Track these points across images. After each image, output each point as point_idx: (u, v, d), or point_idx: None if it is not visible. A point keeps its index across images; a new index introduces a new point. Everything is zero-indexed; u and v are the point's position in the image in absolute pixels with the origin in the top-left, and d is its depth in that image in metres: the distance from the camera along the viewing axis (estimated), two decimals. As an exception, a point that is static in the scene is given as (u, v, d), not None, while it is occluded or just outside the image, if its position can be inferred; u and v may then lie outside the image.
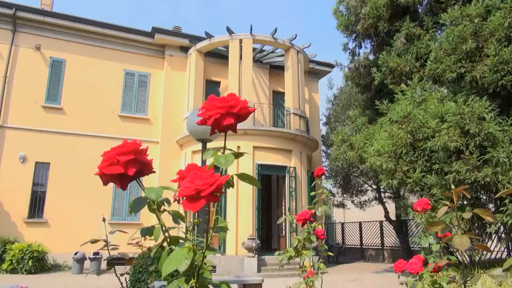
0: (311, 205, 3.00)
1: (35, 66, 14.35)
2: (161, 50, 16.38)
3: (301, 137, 14.90)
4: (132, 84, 15.78)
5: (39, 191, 13.62)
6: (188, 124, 5.03)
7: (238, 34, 15.30)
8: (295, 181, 14.32)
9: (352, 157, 11.87)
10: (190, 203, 0.86)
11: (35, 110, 14.05)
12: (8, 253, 11.68)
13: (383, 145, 9.74)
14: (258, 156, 13.85)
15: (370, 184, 18.83)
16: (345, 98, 20.76)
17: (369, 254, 18.94)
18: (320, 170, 2.99)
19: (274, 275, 11.94)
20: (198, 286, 0.99)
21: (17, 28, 14.26)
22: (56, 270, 12.69)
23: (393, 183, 9.67)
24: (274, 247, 16.25)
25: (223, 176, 0.93)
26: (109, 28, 15.40)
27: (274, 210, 17.15)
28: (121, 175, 0.93)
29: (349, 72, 13.07)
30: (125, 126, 15.15)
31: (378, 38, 12.43)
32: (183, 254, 0.90)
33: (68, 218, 13.52)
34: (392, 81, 11.24)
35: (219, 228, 1.03)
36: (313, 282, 2.83)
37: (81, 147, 14.21)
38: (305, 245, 2.83)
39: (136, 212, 1.01)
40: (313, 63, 18.37)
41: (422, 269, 2.33)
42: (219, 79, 16.59)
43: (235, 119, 1.00)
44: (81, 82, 14.85)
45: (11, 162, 13.33)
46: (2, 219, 12.81)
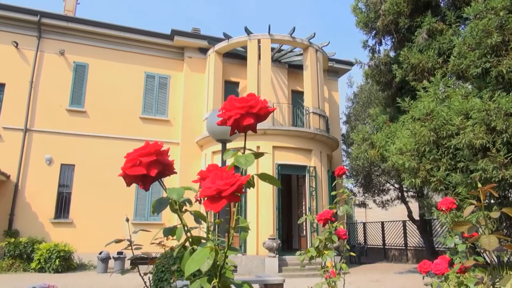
0: (332, 205, 2.97)
1: (60, 71, 14.77)
2: (181, 52, 16.58)
3: (321, 136, 14.79)
4: (153, 86, 16.03)
5: (64, 192, 14.01)
6: (207, 124, 5.07)
7: (256, 34, 15.32)
8: (316, 180, 14.23)
9: (373, 156, 11.69)
10: (212, 203, 0.87)
11: (60, 114, 14.46)
12: (36, 252, 12.07)
13: (405, 143, 9.56)
14: (277, 156, 13.83)
15: (392, 183, 18.52)
16: (365, 96, 20.47)
17: (392, 255, 18.62)
18: (341, 169, 2.95)
19: (295, 275, 11.89)
20: (221, 286, 1.00)
21: (42, 34, 14.71)
22: (81, 269, 13.03)
23: (416, 182, 9.48)
24: (295, 247, 16.19)
25: (244, 176, 0.94)
26: (129, 31, 15.70)
27: (295, 210, 17.08)
28: (144, 176, 0.94)
29: (369, 69, 12.88)
30: (146, 128, 15.41)
31: (398, 34, 12.20)
32: (205, 254, 0.91)
33: (92, 218, 13.86)
34: (414, 78, 11.01)
35: (240, 228, 1.04)
36: (335, 282, 2.80)
37: (104, 149, 14.54)
38: (326, 245, 2.81)
39: (158, 212, 1.02)
40: (332, 61, 18.20)
41: (447, 270, 2.27)
42: (238, 80, 16.65)
43: (255, 119, 1.00)
44: (103, 85, 15.20)
45: (38, 165, 13.77)
46: (30, 220, 13.25)
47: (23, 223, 13.13)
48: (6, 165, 13.08)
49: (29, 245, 12.29)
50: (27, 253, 12.20)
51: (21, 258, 12.20)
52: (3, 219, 12.97)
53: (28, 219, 13.24)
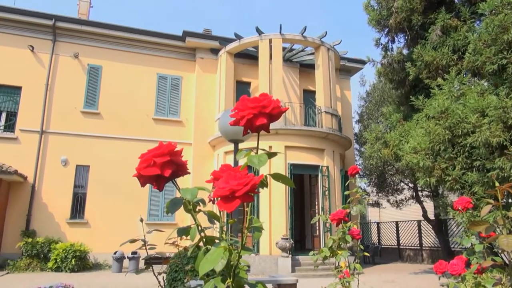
0: (345, 205, 2.94)
1: (74, 73, 15.01)
2: (192, 53, 16.68)
3: (333, 136, 14.70)
4: (165, 88, 16.17)
5: (80, 193, 14.23)
6: (220, 125, 5.09)
7: (268, 34, 15.32)
8: (328, 180, 14.15)
9: (386, 155, 11.56)
10: (225, 203, 0.87)
11: (74, 116, 14.70)
12: (52, 252, 12.29)
13: (419, 142, 9.43)
14: (290, 155, 13.80)
15: (406, 182, 18.29)
16: (378, 95, 20.26)
17: (406, 255, 18.39)
18: (354, 168, 2.93)
19: (308, 275, 11.84)
20: (234, 286, 1.00)
21: (57, 37, 14.98)
22: (97, 268, 13.21)
23: (431, 181, 9.34)
24: (308, 247, 16.13)
25: (257, 176, 0.94)
26: (142, 34, 15.86)
27: (307, 210, 17.01)
28: (158, 176, 0.95)
29: (382, 68, 12.75)
30: (159, 129, 15.55)
31: (411, 31, 12.04)
32: (219, 254, 0.91)
33: (107, 218, 14.04)
34: (428, 75, 10.85)
35: (254, 228, 1.04)
36: (349, 282, 2.78)
37: (118, 150, 14.72)
38: (340, 245, 2.79)
39: (172, 212, 1.03)
40: (344, 60, 18.08)
41: (464, 270, 2.23)
42: (250, 80, 16.67)
43: (268, 119, 1.00)
44: (116, 87, 15.39)
45: (54, 166, 14.02)
46: (47, 220, 13.49)
47: (40, 223, 13.39)
48: (23, 167, 13.36)
49: (46, 245, 12.52)
50: (44, 252, 12.44)
51: (38, 258, 12.44)
52: (21, 220, 13.24)
53: (45, 220, 13.49)
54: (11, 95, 14.27)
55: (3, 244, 12.88)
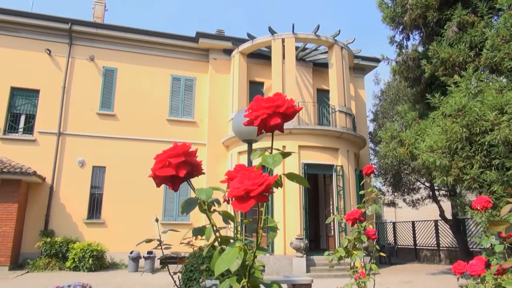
0: (360, 204, 2.92)
1: (90, 76, 15.27)
2: (205, 54, 16.77)
3: (348, 135, 14.58)
4: (179, 89, 16.30)
5: (96, 193, 14.46)
6: (233, 125, 5.10)
7: (280, 33, 15.29)
8: (343, 179, 14.04)
9: (402, 154, 11.41)
10: (240, 203, 0.87)
11: (90, 117, 14.94)
12: (70, 251, 12.53)
13: (436, 141, 9.28)
14: (304, 155, 13.74)
15: (422, 181, 18.02)
16: (393, 93, 20.01)
17: (423, 255, 18.11)
18: (369, 168, 2.90)
19: (323, 275, 11.78)
20: (250, 286, 1.00)
21: (73, 41, 15.25)
22: (113, 268, 13.40)
23: (448, 180, 9.17)
24: (322, 247, 16.04)
25: (272, 176, 0.93)
26: (155, 35, 16.02)
27: (322, 210, 16.91)
28: (173, 176, 0.96)
29: (397, 65, 12.58)
30: (173, 130, 15.68)
31: (427, 28, 11.85)
32: (234, 254, 0.91)
33: (123, 218, 14.23)
34: (444, 72, 10.67)
35: (269, 228, 1.03)
36: (365, 283, 2.75)
37: (133, 151, 14.91)
38: (355, 245, 2.76)
39: (187, 212, 1.03)
40: (358, 58, 17.92)
41: (484, 271, 2.19)
42: (263, 80, 16.67)
43: (282, 119, 1.00)
44: (131, 89, 15.59)
45: (71, 167, 14.28)
46: (64, 220, 13.76)
47: (58, 223, 13.65)
48: (42, 168, 13.64)
49: (64, 245, 12.77)
50: (62, 252, 12.68)
51: (56, 257, 12.69)
52: (40, 220, 13.53)
53: (63, 220, 13.75)
54: (29, 98, 14.59)
55: (23, 244, 13.19)
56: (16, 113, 14.40)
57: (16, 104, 14.44)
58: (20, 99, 14.51)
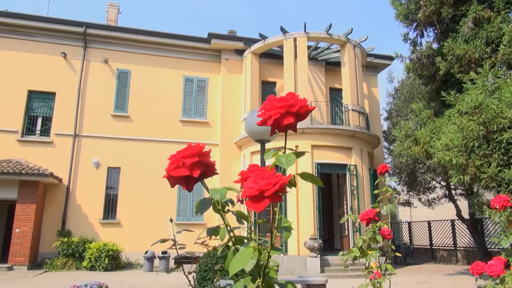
0: (375, 204, 2.89)
1: (104, 78, 15.49)
2: (217, 55, 16.83)
3: (361, 134, 14.45)
4: (191, 90, 16.40)
5: (111, 194, 14.66)
6: (246, 125, 5.11)
7: (292, 33, 15.25)
8: (357, 179, 13.92)
9: (417, 153, 11.25)
10: (254, 203, 0.87)
11: (105, 119, 15.15)
12: (87, 251, 12.73)
13: (452, 139, 9.12)
14: (317, 155, 13.67)
15: (438, 180, 17.74)
16: (407, 91, 19.75)
17: (440, 255, 17.82)
18: (384, 167, 2.87)
19: (338, 275, 11.70)
20: (264, 286, 1.00)
21: (88, 44, 15.49)
22: (129, 268, 13.56)
23: (465, 179, 9.01)
24: (337, 247, 15.93)
25: (285, 176, 0.93)
26: (168, 37, 16.16)
27: (336, 209, 16.80)
28: (187, 177, 0.96)
29: (411, 63, 12.42)
30: (186, 130, 15.79)
31: (441, 25, 11.67)
32: (248, 254, 0.91)
33: (137, 218, 14.39)
34: (460, 69, 10.48)
35: (283, 228, 1.03)
36: (380, 283, 2.72)
37: (147, 152, 15.06)
38: (370, 245, 2.73)
39: (202, 212, 1.04)
40: (371, 56, 17.74)
41: (503, 271, 2.14)
42: (275, 80, 16.65)
43: (295, 118, 1.00)
44: (144, 90, 15.75)
45: (86, 168, 14.51)
46: (81, 220, 13.98)
47: (74, 223, 13.89)
48: (58, 169, 13.89)
49: (80, 245, 12.98)
50: (79, 252, 12.90)
51: (73, 257, 12.91)
52: (57, 220, 13.79)
53: (79, 220, 13.98)
54: (46, 100, 14.88)
55: (41, 244, 13.45)
56: (34, 116, 14.70)
57: (33, 107, 14.74)
58: (37, 101, 14.81)
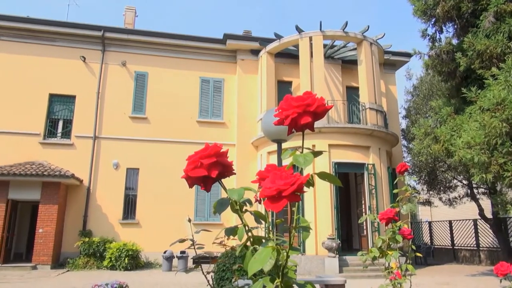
0: (394, 203, 2.84)
1: (122, 81, 15.75)
2: (233, 55, 16.89)
3: (379, 132, 14.26)
4: (208, 90, 16.51)
5: (130, 195, 14.90)
6: (262, 125, 5.11)
7: (308, 32, 15.17)
8: (375, 178, 13.74)
9: (437, 151, 11.03)
10: (272, 203, 0.87)
11: (123, 121, 15.41)
12: (107, 251, 12.96)
13: (473, 136, 8.91)
14: (334, 154, 13.56)
15: (460, 179, 17.35)
16: (426, 88, 19.37)
17: (462, 256, 17.42)
18: (403, 166, 2.83)
19: (357, 276, 11.58)
20: (283, 286, 0.99)
21: (106, 47, 15.79)
22: (148, 267, 13.75)
23: (488, 178, 8.78)
24: (355, 247, 15.77)
25: (303, 175, 0.92)
26: (184, 39, 16.31)
27: (354, 209, 16.63)
28: (205, 177, 0.97)
29: (430, 59, 12.17)
30: (202, 131, 15.90)
31: (461, 20, 11.40)
32: (267, 254, 0.91)
33: (156, 219, 14.58)
34: (481, 65, 10.22)
35: (302, 228, 1.02)
36: (401, 284, 2.68)
37: (165, 153, 15.24)
38: (390, 245, 2.69)
39: (220, 212, 1.04)
40: (389, 54, 17.48)
41: (530, 273, 2.08)
42: (291, 79, 16.60)
43: (313, 118, 0.99)
44: (161, 92, 15.94)
45: (106, 169, 14.78)
46: (101, 221, 14.25)
47: (95, 223, 14.17)
48: (79, 171, 14.20)
49: (101, 244, 13.23)
50: (99, 251, 13.15)
51: (94, 257, 13.17)
52: (78, 220, 14.09)
53: (100, 220, 14.25)
54: (66, 103, 15.23)
55: (63, 243, 13.78)
56: (55, 119, 15.07)
57: (54, 110, 15.11)
58: (58, 105, 15.17)
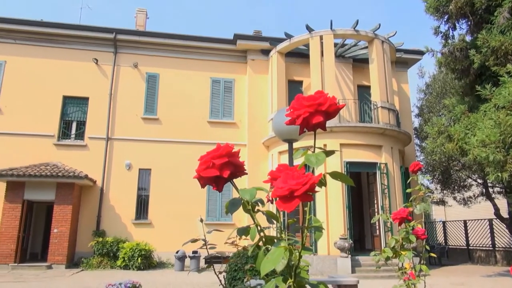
0: (408, 203, 2.81)
1: (134, 82, 15.91)
2: (243, 56, 16.91)
3: (391, 131, 14.12)
4: (218, 91, 16.56)
5: (143, 195, 15.04)
6: (273, 125, 5.10)
7: (318, 31, 15.10)
8: (387, 177, 13.61)
9: (451, 150, 10.87)
10: (284, 203, 0.86)
11: (135, 122, 15.56)
12: (121, 251, 13.10)
13: (488, 135, 8.75)
14: (346, 153, 13.47)
15: (474, 178, 17.07)
16: (439, 86, 19.12)
17: (477, 256, 17.14)
18: (416, 165, 2.79)
19: (369, 276, 11.48)
20: (296, 286, 0.99)
21: (118, 49, 15.96)
22: (161, 267, 13.86)
23: (504, 177, 8.62)
24: (368, 247, 15.64)
25: (316, 175, 0.92)
26: (194, 40, 16.40)
27: (366, 209, 16.50)
28: (217, 177, 0.97)
29: (443, 57, 12.00)
30: (213, 131, 15.96)
31: (475, 16, 11.22)
32: (280, 254, 0.91)
33: (168, 219, 14.68)
34: (495, 62, 10.04)
35: (314, 228, 1.02)
36: (415, 285, 2.65)
37: (176, 153, 15.34)
38: (403, 245, 2.67)
39: (232, 212, 1.04)
40: (400, 52, 17.29)
41: (548, 273, 2.03)
42: (301, 79, 16.54)
43: (324, 117, 0.98)
44: (173, 93, 16.05)
45: (119, 170, 14.95)
46: (114, 221, 14.42)
47: (108, 223, 14.34)
48: (92, 172, 14.38)
49: (114, 244, 13.38)
50: (113, 251, 13.30)
51: (108, 256, 13.32)
52: (92, 220, 14.28)
53: (113, 220, 14.42)
54: (79, 105, 15.44)
55: (77, 243, 13.98)
56: (68, 120, 15.29)
57: (68, 111, 15.34)
58: (71, 107, 15.40)
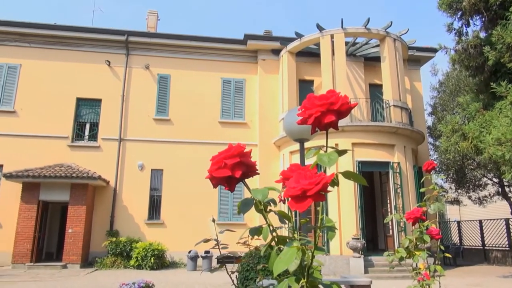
0: (421, 203, 2.78)
1: (146, 83, 16.05)
2: (254, 56, 16.92)
3: (404, 130, 13.96)
4: (229, 91, 16.60)
5: (155, 195, 15.16)
6: (284, 125, 5.09)
7: (329, 29, 15.01)
8: (400, 177, 13.46)
9: (465, 148, 10.70)
10: (297, 203, 0.86)
11: (147, 123, 15.70)
12: (134, 251, 13.23)
13: (504, 132, 8.59)
14: (358, 153, 13.36)
15: (490, 177, 16.78)
16: (453, 84, 18.85)
17: (493, 256, 16.83)
18: (430, 164, 2.75)
19: (382, 276, 11.37)
20: (309, 286, 0.98)
21: (130, 51, 16.13)
22: (173, 267, 13.95)
23: (520, 175, 8.45)
24: (381, 247, 15.49)
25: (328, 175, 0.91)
26: (205, 41, 16.47)
27: (379, 209, 16.34)
28: (229, 177, 0.97)
29: (456, 54, 11.83)
30: (224, 132, 16.00)
31: (489, 12, 11.02)
32: (292, 254, 0.90)
33: (180, 219, 14.77)
34: (511, 59, 9.85)
35: (327, 228, 1.01)
36: (429, 285, 2.61)
37: (187, 154, 15.42)
38: (417, 245, 2.63)
39: (244, 212, 1.04)
40: (413, 49, 17.08)
41: None
42: (312, 78, 16.47)
43: (336, 116, 0.98)
44: (184, 93, 16.15)
45: (131, 171, 15.10)
46: (127, 221, 14.57)
47: (121, 224, 14.49)
48: (106, 172, 14.56)
49: (127, 244, 13.52)
50: (126, 251, 13.44)
51: (121, 256, 13.47)
52: (106, 221, 14.45)
53: (126, 220, 14.57)
54: (93, 107, 15.65)
55: (91, 243, 14.16)
56: (82, 122, 15.51)
57: (81, 113, 15.56)
58: (85, 108, 15.61)
